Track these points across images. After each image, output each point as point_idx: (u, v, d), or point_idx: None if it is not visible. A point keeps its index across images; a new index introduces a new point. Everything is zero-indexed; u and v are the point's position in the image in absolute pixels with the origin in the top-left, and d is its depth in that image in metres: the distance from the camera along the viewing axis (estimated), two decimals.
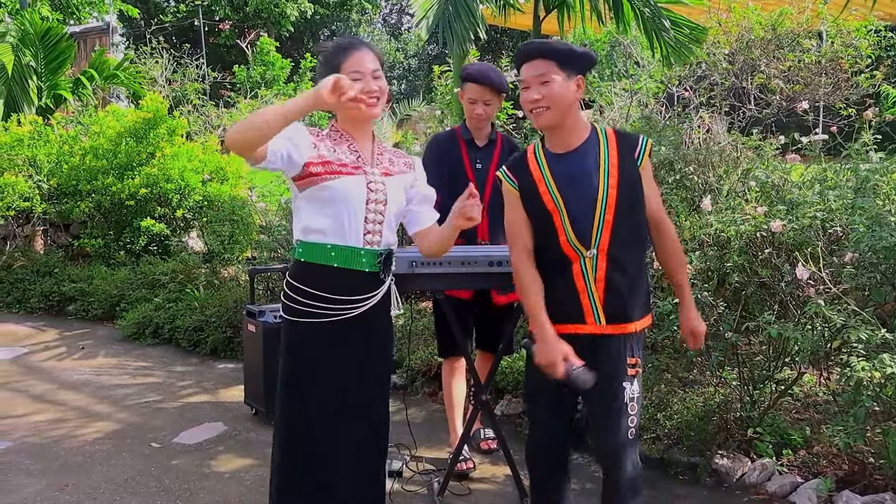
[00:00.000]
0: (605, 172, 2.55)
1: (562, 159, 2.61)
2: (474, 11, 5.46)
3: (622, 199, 2.54)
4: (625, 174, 2.56)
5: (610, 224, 2.53)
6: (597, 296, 2.56)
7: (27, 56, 9.67)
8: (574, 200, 2.56)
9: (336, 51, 2.51)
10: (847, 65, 6.16)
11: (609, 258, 2.54)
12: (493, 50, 21.70)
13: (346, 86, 2.19)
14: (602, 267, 2.54)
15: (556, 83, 2.53)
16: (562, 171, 2.59)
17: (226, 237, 7.14)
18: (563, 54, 2.56)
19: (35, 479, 3.86)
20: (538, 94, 2.55)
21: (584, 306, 2.58)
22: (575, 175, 2.57)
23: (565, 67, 2.55)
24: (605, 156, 2.57)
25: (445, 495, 3.57)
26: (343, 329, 2.52)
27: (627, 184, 2.55)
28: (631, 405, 2.58)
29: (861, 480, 3.42)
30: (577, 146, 2.60)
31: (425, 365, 5.00)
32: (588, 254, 2.54)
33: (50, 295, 7.52)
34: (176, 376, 5.52)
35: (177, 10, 21.61)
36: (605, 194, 2.53)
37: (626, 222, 2.55)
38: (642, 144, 2.61)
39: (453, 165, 3.77)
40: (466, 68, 3.83)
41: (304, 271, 2.52)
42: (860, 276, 3.30)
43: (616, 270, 2.55)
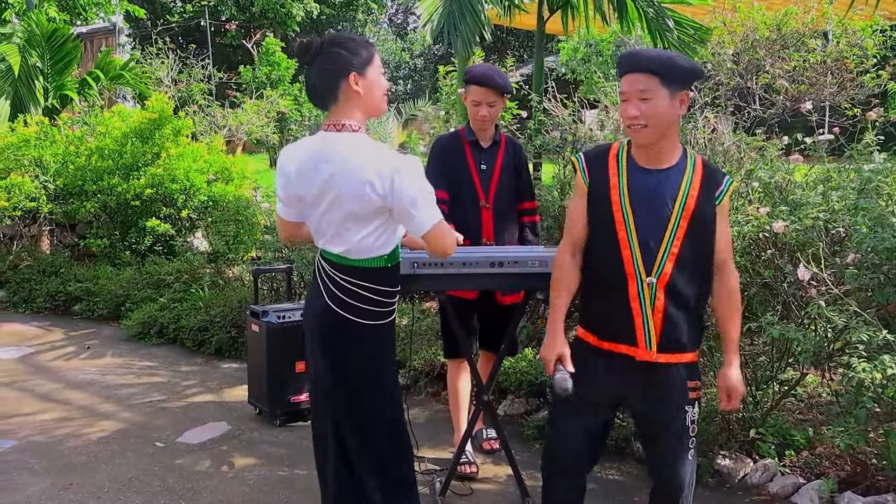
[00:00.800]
0: (682, 202, 2.45)
1: (644, 174, 2.50)
2: (479, 13, 5.46)
3: (692, 232, 2.45)
4: (700, 209, 2.46)
5: (675, 255, 2.44)
6: (652, 322, 2.47)
7: (34, 57, 9.70)
8: (644, 221, 2.47)
9: (364, 42, 2.54)
10: (852, 64, 6.14)
11: (668, 288, 2.46)
12: (498, 50, 21.71)
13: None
14: (661, 297, 2.46)
15: (657, 101, 2.40)
16: (640, 187, 2.49)
17: (230, 237, 7.16)
18: (668, 69, 2.40)
19: (39, 478, 3.89)
20: (637, 110, 2.41)
21: (636, 329, 2.49)
22: (652, 196, 2.48)
23: (669, 83, 2.40)
24: (688, 185, 2.47)
25: (447, 495, 3.58)
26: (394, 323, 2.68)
27: (701, 218, 2.46)
28: (692, 427, 2.55)
29: (863, 481, 3.42)
30: (664, 167, 2.50)
31: (428, 365, 5.01)
32: (647, 280, 2.45)
33: (56, 295, 7.54)
34: (180, 376, 5.54)
35: (183, 10, 21.68)
36: (676, 224, 2.45)
37: (694, 256, 2.47)
38: (726, 184, 2.52)
39: (458, 166, 3.78)
40: (469, 70, 3.83)
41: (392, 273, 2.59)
42: (862, 277, 3.29)
43: (675, 302, 2.47)
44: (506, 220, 3.84)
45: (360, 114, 2.51)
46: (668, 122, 2.43)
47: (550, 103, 5.73)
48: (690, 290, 2.49)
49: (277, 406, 4.51)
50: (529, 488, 3.51)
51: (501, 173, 3.81)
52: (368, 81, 2.48)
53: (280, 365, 4.47)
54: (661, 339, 2.48)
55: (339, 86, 2.46)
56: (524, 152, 4.01)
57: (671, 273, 2.44)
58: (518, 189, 3.89)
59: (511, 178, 3.85)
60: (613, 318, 2.53)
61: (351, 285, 2.51)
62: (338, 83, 2.46)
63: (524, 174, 3.94)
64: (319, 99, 2.52)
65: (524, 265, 3.15)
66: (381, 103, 2.56)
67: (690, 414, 2.55)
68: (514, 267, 3.15)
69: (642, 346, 2.49)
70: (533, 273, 3.14)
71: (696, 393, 2.57)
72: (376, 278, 2.52)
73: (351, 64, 2.45)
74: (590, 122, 5.73)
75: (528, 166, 4.01)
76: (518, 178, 3.89)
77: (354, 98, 2.47)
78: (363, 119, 2.53)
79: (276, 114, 13.64)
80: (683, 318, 2.49)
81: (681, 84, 2.43)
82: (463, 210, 3.73)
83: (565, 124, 5.39)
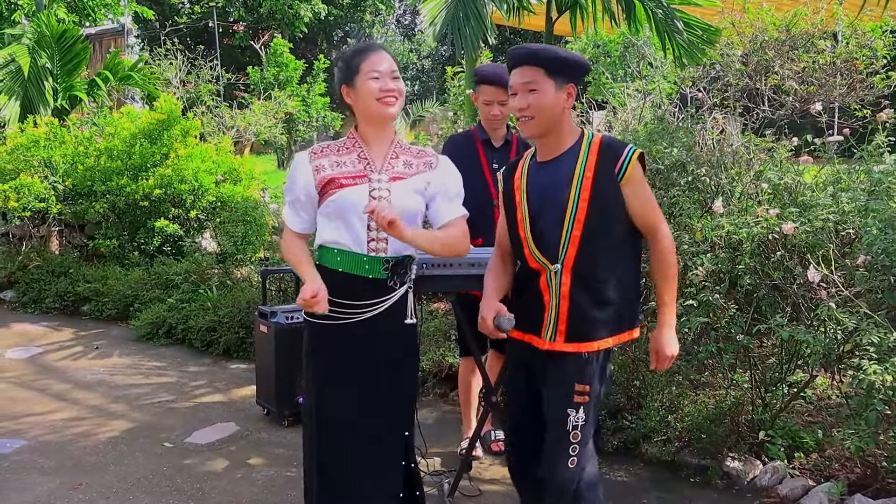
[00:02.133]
0: (577, 186, 2.44)
1: (541, 169, 2.55)
2: (483, 15, 5.46)
3: (593, 214, 2.43)
4: (599, 189, 2.43)
5: (577, 239, 2.43)
6: (559, 311, 2.47)
7: (43, 58, 9.75)
8: (543, 213, 2.50)
9: (354, 54, 2.59)
10: (862, 65, 6.11)
11: (574, 274, 2.45)
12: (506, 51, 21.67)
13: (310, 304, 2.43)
14: (566, 283, 2.46)
15: (543, 92, 2.45)
16: (537, 182, 2.53)
17: (239, 238, 7.17)
18: (552, 61, 2.46)
19: (49, 478, 3.90)
20: (524, 102, 2.48)
21: (544, 320, 2.51)
22: (547, 186, 2.50)
23: (554, 75, 2.45)
24: (582, 168, 2.46)
25: (456, 496, 3.58)
26: (353, 332, 2.57)
27: (601, 199, 2.43)
28: (573, 433, 2.46)
29: (873, 484, 3.40)
30: (557, 155, 2.52)
31: (436, 366, 5.01)
32: (553, 268, 2.47)
33: (65, 295, 7.58)
34: (189, 376, 5.56)
35: (191, 11, 21.74)
36: (574, 208, 2.44)
37: (598, 238, 2.44)
38: (627, 156, 2.45)
39: (471, 166, 3.77)
40: (480, 70, 3.83)
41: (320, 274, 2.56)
42: (873, 279, 3.28)
43: (581, 287, 2.46)
44: None
45: (361, 120, 2.62)
46: (554, 113, 2.48)
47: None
48: (601, 272, 2.46)
49: (285, 407, 4.52)
50: None
51: None
52: (357, 91, 2.55)
53: (288, 366, 4.47)
54: (567, 327, 2.48)
55: (343, 101, 2.64)
56: None
57: (575, 257, 2.45)
58: None
59: None
60: (529, 311, 2.57)
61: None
62: (342, 98, 2.64)
63: None
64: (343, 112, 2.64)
65: None
66: (376, 108, 2.54)
67: (573, 418, 2.47)
68: None
69: (543, 334, 2.51)
70: None
71: (583, 398, 2.47)
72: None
73: (341, 80, 2.60)
74: (598, 122, 5.72)
75: None
76: None
77: (353, 108, 2.62)
78: (366, 124, 2.61)
79: (284, 115, 13.66)
80: (592, 303, 2.47)
81: (566, 76, 2.47)
82: (476, 209, 3.72)
83: None
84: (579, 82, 2.56)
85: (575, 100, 2.58)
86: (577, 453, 2.48)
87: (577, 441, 2.47)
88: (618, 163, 2.45)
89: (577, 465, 2.49)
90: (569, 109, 2.52)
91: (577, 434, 2.47)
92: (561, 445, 2.48)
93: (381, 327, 2.57)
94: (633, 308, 2.59)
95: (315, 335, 2.63)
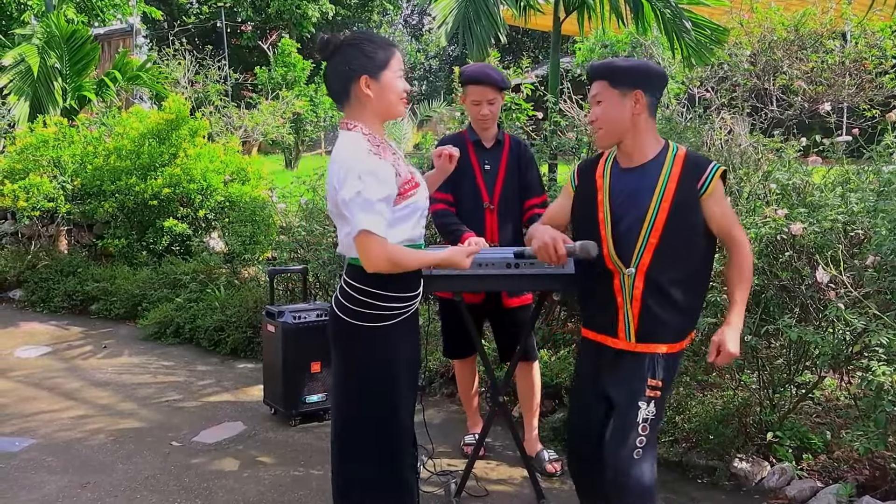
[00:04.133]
0: (658, 196, 2.55)
1: (624, 174, 2.64)
2: (494, 14, 5.45)
3: (671, 224, 2.53)
4: (679, 201, 2.54)
5: (653, 246, 2.54)
6: (632, 313, 2.59)
7: (52, 58, 9.79)
8: (623, 218, 2.59)
9: (382, 44, 2.50)
10: (871, 65, 6.08)
11: (647, 279, 2.55)
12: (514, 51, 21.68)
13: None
14: (639, 286, 2.56)
15: (608, 103, 2.57)
16: (620, 187, 2.63)
17: (246, 238, 7.19)
18: (610, 72, 2.58)
19: (57, 477, 3.91)
20: (593, 115, 2.62)
21: (618, 320, 2.62)
22: (630, 193, 2.60)
23: (617, 85, 2.56)
24: (665, 179, 2.56)
25: (462, 496, 3.58)
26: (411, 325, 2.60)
27: (680, 211, 2.54)
28: (643, 426, 2.56)
29: (882, 486, 3.38)
30: (641, 164, 2.61)
31: (443, 366, 5.01)
32: (627, 271, 2.57)
33: (73, 294, 7.60)
34: (196, 376, 5.57)
35: (199, 11, 21.80)
36: (653, 217, 2.54)
37: (673, 247, 2.54)
38: (711, 172, 2.55)
39: (461, 168, 3.73)
40: (465, 71, 3.79)
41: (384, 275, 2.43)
42: (882, 280, 3.27)
43: (653, 291, 2.56)
44: (510, 221, 3.79)
45: (372, 115, 2.49)
46: (622, 121, 2.57)
47: (566, 104, 5.71)
48: (672, 280, 2.57)
49: (293, 406, 4.53)
50: (544, 490, 3.51)
51: (506, 173, 3.77)
52: (382, 85, 2.46)
53: (295, 365, 4.48)
54: (638, 328, 2.59)
55: (351, 87, 2.46)
56: (529, 150, 3.93)
57: (649, 263, 2.55)
58: (524, 188, 3.81)
59: (516, 177, 3.79)
60: (601, 311, 2.68)
61: (346, 285, 2.50)
62: (349, 84, 2.46)
63: (531, 172, 3.85)
64: (334, 96, 2.55)
65: (540, 266, 3.14)
66: (397, 107, 2.53)
67: (643, 412, 2.56)
68: (529, 268, 3.14)
69: (622, 336, 2.62)
70: (549, 274, 3.13)
71: (655, 392, 2.57)
72: (364, 278, 2.44)
73: (364, 67, 2.43)
74: None
75: (535, 163, 3.92)
76: (524, 176, 3.81)
77: (365, 100, 2.46)
78: (376, 120, 2.51)
79: (291, 115, 13.69)
80: (663, 308, 2.57)
81: (629, 84, 2.55)
82: (467, 212, 3.71)
83: (581, 126, 5.38)
84: (652, 88, 2.59)
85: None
86: (643, 446, 2.57)
87: (645, 434, 2.57)
88: (701, 178, 2.56)
89: (642, 459, 2.57)
90: (641, 115, 2.57)
91: (646, 427, 2.57)
92: (628, 436, 2.56)
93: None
94: (696, 314, 2.72)
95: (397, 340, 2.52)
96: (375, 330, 2.48)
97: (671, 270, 2.56)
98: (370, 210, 2.31)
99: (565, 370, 4.44)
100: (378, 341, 2.49)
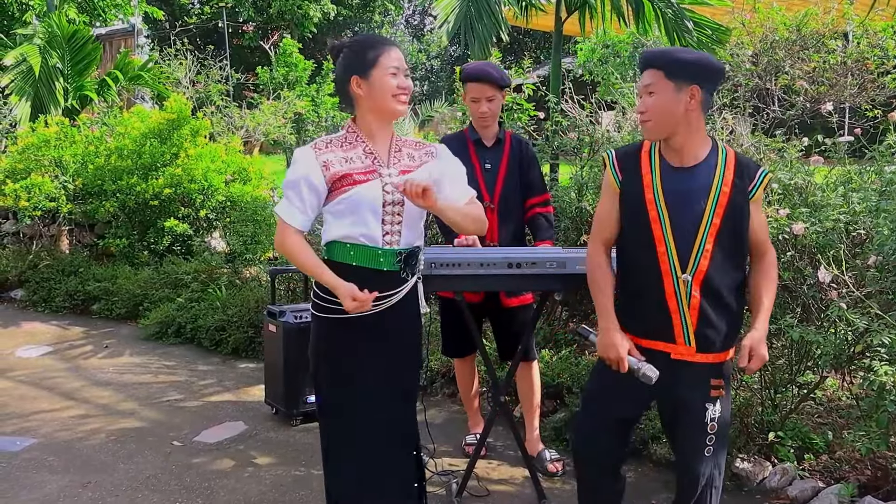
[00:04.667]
0: (714, 199, 2.47)
1: (675, 173, 2.53)
2: (496, 13, 5.45)
3: (725, 228, 2.47)
4: (734, 204, 2.48)
5: (710, 252, 2.47)
6: (689, 320, 2.50)
7: (54, 58, 9.79)
8: (678, 218, 2.49)
9: (370, 44, 2.54)
10: (873, 65, 6.08)
11: (704, 285, 2.48)
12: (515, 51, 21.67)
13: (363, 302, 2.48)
14: (696, 294, 2.48)
15: (661, 94, 2.45)
16: (672, 186, 2.51)
17: (248, 237, 7.18)
18: (669, 62, 2.45)
19: (58, 476, 3.91)
20: (643, 106, 2.50)
21: (675, 326, 2.52)
22: (684, 194, 2.50)
23: (674, 77, 2.43)
24: (720, 181, 2.48)
25: (464, 496, 3.58)
26: (364, 326, 2.58)
27: (734, 213, 2.48)
28: (711, 425, 2.56)
29: (884, 486, 3.38)
30: (694, 164, 2.52)
31: (445, 366, 5.01)
32: (683, 277, 2.48)
33: (75, 294, 7.60)
34: (198, 375, 5.57)
35: (201, 11, 21.81)
36: (709, 220, 2.46)
37: (727, 252, 2.49)
38: (760, 177, 2.51)
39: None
40: (464, 69, 3.79)
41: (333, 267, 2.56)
42: (884, 280, 3.26)
43: (711, 298, 2.50)
44: (511, 220, 3.78)
45: (369, 115, 2.56)
46: (672, 116, 2.45)
47: (568, 104, 5.71)
48: (725, 285, 2.51)
49: (294, 406, 4.52)
50: (546, 490, 3.51)
51: (507, 172, 3.75)
52: (372, 84, 2.50)
53: (296, 365, 4.47)
54: (697, 337, 2.51)
55: (346, 88, 2.54)
56: (531, 149, 3.93)
57: (706, 269, 2.47)
58: (526, 186, 3.81)
59: (516, 176, 3.78)
60: (650, 317, 2.56)
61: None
62: (346, 86, 2.54)
63: (533, 170, 3.84)
64: (339, 100, 2.61)
65: (542, 266, 3.14)
66: (391, 104, 2.53)
67: (711, 411, 2.55)
68: (531, 268, 3.14)
69: (681, 343, 2.52)
70: (550, 274, 3.13)
71: (719, 391, 2.57)
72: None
73: (353, 67, 2.51)
74: (607, 123, 5.71)
75: (537, 162, 3.92)
76: (526, 175, 3.80)
77: (359, 100, 2.54)
78: (374, 120, 2.56)
79: (293, 115, 13.67)
80: (719, 314, 2.51)
81: (687, 78, 2.43)
82: None
83: (583, 126, 5.38)
84: (709, 84, 2.49)
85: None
86: (713, 443, 2.58)
87: (714, 433, 2.57)
88: (752, 181, 2.51)
89: (713, 455, 2.59)
90: (695, 112, 2.47)
91: (714, 426, 2.56)
92: (699, 436, 2.57)
93: (387, 321, 2.61)
94: (742, 320, 2.67)
95: (326, 333, 2.64)
96: (316, 318, 2.65)
97: (727, 277, 2.50)
98: (285, 194, 2.57)
99: (567, 370, 4.44)
100: (317, 330, 2.66)
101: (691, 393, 2.56)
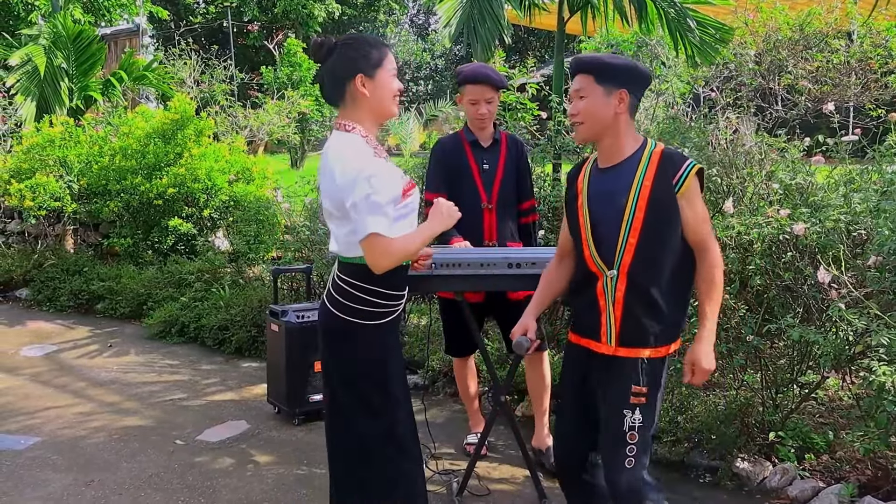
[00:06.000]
0: (635, 194, 2.50)
1: (602, 175, 2.60)
2: (499, 15, 5.46)
3: (649, 223, 2.48)
4: (656, 198, 2.48)
5: (633, 246, 2.48)
6: (614, 316, 2.53)
7: (59, 58, 9.81)
8: (602, 218, 2.55)
9: (375, 43, 2.53)
10: (877, 65, 6.07)
11: (629, 280, 2.50)
12: (519, 50, 21.67)
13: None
14: (621, 288, 2.51)
15: (591, 98, 2.53)
16: (598, 187, 2.59)
17: (251, 237, 7.20)
18: (598, 68, 2.52)
19: (62, 475, 3.94)
20: (575, 108, 2.57)
21: (601, 324, 2.57)
22: (607, 193, 2.56)
23: (603, 82, 2.51)
24: (641, 177, 2.51)
25: (464, 495, 3.59)
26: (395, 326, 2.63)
27: (657, 208, 2.48)
28: (630, 434, 2.51)
29: (884, 486, 3.38)
30: (618, 163, 2.57)
31: (446, 366, 5.01)
32: (609, 273, 2.52)
33: (79, 293, 7.63)
34: (201, 374, 5.59)
35: (206, 11, 21.84)
36: (631, 216, 2.49)
37: (654, 247, 2.49)
38: (686, 169, 2.49)
39: (460, 168, 3.76)
40: (462, 70, 3.79)
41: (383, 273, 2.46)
42: (884, 280, 3.26)
43: (635, 293, 2.51)
44: (508, 220, 3.81)
45: (368, 115, 2.52)
46: (602, 119, 2.54)
47: (571, 104, 5.70)
48: (654, 281, 2.51)
49: (296, 405, 4.54)
50: (546, 489, 3.52)
51: (505, 172, 3.78)
52: (377, 84, 2.48)
53: (299, 364, 4.50)
54: (620, 332, 2.53)
55: (347, 86, 2.48)
56: (526, 150, 3.96)
57: (630, 264, 2.50)
58: (520, 188, 3.86)
59: (514, 176, 3.81)
60: (585, 314, 2.64)
61: (343, 282, 2.51)
62: (345, 84, 2.48)
63: (527, 177, 3.90)
64: (329, 98, 2.55)
65: (542, 266, 3.14)
66: (391, 106, 2.54)
67: (629, 419, 2.51)
68: (531, 268, 3.15)
69: (604, 340, 2.57)
70: None
71: (640, 399, 2.51)
72: (365, 276, 2.47)
73: (359, 66, 2.46)
74: None
75: (528, 165, 3.96)
76: (520, 176, 3.85)
77: (361, 99, 2.48)
78: (371, 120, 2.53)
79: (297, 114, 13.70)
80: (646, 310, 2.52)
81: (616, 82, 2.51)
82: (465, 212, 3.72)
83: None
84: (637, 89, 2.56)
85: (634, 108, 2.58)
86: (633, 454, 2.53)
87: (634, 442, 2.52)
88: (677, 174, 2.50)
89: (634, 466, 2.53)
90: (623, 115, 2.54)
91: (635, 435, 2.52)
92: (618, 446, 2.54)
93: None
94: (681, 319, 2.64)
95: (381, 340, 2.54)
96: (368, 328, 2.51)
97: (653, 271, 2.50)
98: (378, 212, 2.35)
99: None
100: (372, 339, 2.52)
101: (612, 392, 2.55)
